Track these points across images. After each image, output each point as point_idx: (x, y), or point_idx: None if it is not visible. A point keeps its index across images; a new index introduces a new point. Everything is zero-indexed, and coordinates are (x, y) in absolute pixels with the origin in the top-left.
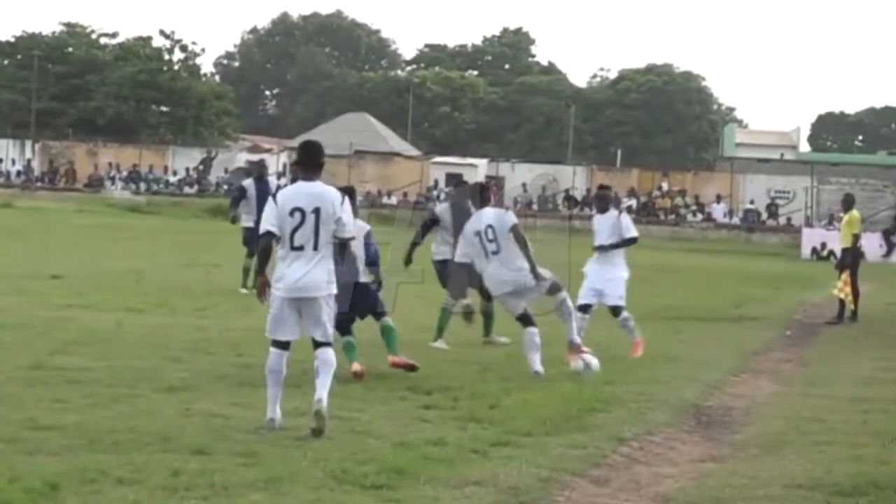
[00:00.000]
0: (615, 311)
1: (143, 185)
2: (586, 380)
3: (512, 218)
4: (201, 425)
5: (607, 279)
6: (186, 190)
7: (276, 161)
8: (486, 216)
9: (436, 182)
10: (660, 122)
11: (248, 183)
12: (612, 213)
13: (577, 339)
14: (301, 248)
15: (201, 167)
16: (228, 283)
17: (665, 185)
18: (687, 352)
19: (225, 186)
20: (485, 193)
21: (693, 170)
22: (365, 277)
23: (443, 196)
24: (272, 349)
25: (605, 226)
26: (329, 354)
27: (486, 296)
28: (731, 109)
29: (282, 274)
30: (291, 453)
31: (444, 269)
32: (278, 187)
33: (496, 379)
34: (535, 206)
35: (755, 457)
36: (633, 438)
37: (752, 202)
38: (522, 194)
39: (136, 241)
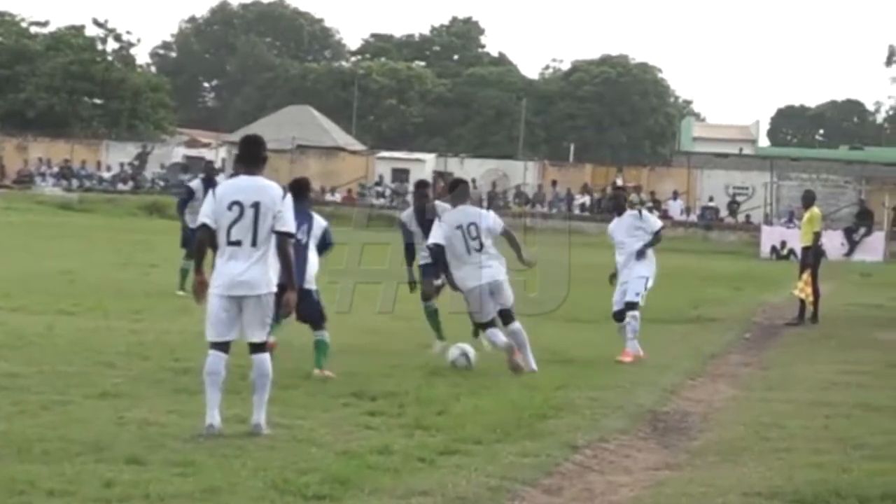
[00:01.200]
0: (627, 306)
1: (75, 182)
2: (530, 382)
3: (499, 220)
4: (136, 433)
5: (630, 278)
6: (121, 186)
7: (216, 156)
8: (469, 213)
9: (381, 178)
10: (614, 115)
11: (196, 184)
12: (629, 213)
13: (532, 367)
14: (238, 244)
15: (136, 162)
16: (165, 285)
17: (620, 181)
18: (643, 355)
19: (161, 183)
20: (463, 189)
21: (649, 165)
22: (314, 285)
23: (388, 192)
24: (211, 351)
25: (622, 228)
26: (265, 365)
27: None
28: (689, 102)
29: (219, 272)
30: (230, 463)
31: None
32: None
33: (444, 384)
34: (484, 203)
35: (713, 464)
36: (586, 446)
37: (711, 199)
38: (472, 190)
39: (68, 241)
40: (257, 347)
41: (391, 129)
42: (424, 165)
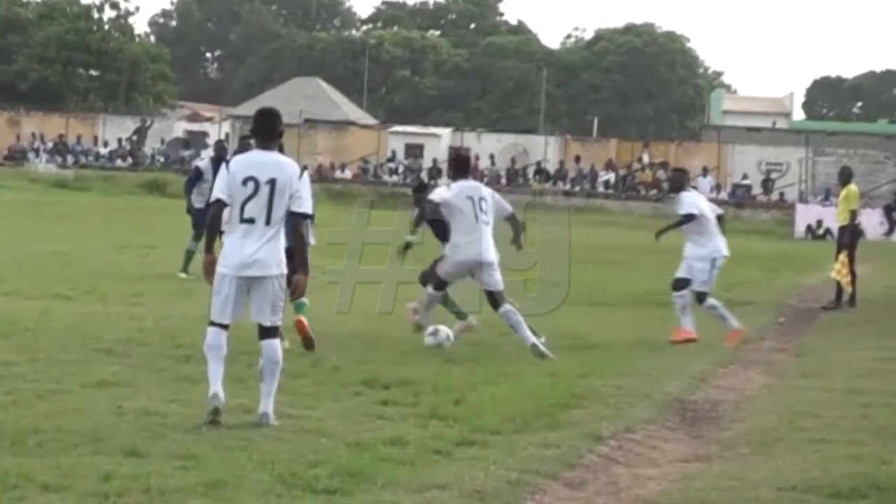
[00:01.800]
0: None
1: (70, 158)
2: (551, 370)
3: (507, 205)
4: (135, 424)
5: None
6: (119, 163)
7: (218, 130)
8: (478, 188)
9: (393, 153)
10: (640, 87)
11: (205, 165)
12: (681, 194)
13: (532, 340)
14: (251, 222)
15: (135, 137)
16: (165, 267)
17: (646, 157)
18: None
19: (161, 159)
20: (464, 162)
21: (677, 140)
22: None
23: (401, 169)
24: (211, 328)
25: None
26: (275, 350)
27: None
28: (719, 74)
29: (229, 250)
30: (235, 455)
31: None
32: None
33: (461, 372)
34: (503, 181)
35: (745, 456)
36: (611, 437)
37: (745, 177)
38: (490, 167)
39: (62, 221)
40: (267, 332)
41: (404, 102)
42: (440, 140)
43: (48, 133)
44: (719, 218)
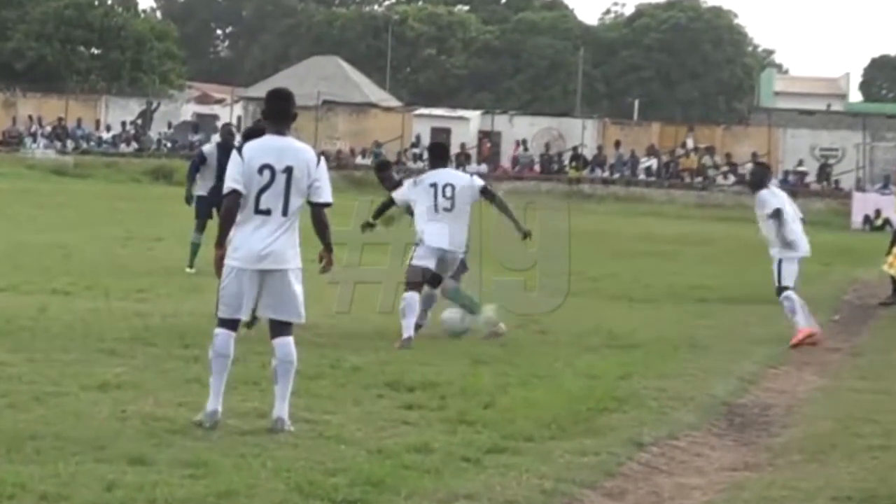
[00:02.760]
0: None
1: (70, 143)
2: (589, 371)
3: (479, 181)
4: (140, 430)
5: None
6: (122, 148)
7: (230, 113)
8: (448, 174)
9: (418, 138)
10: (684, 66)
11: (210, 149)
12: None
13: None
14: (267, 213)
15: (140, 121)
16: (173, 261)
17: (690, 142)
18: (716, 340)
19: (168, 144)
20: (440, 151)
21: (724, 123)
22: None
23: (426, 155)
24: (219, 329)
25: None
26: (290, 349)
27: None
28: (769, 52)
29: (242, 242)
30: (248, 463)
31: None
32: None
33: (491, 373)
34: (537, 168)
35: (797, 464)
36: (653, 443)
37: (800, 163)
38: (522, 153)
39: (62, 210)
40: (280, 329)
41: (430, 82)
42: (468, 124)
43: (46, 116)
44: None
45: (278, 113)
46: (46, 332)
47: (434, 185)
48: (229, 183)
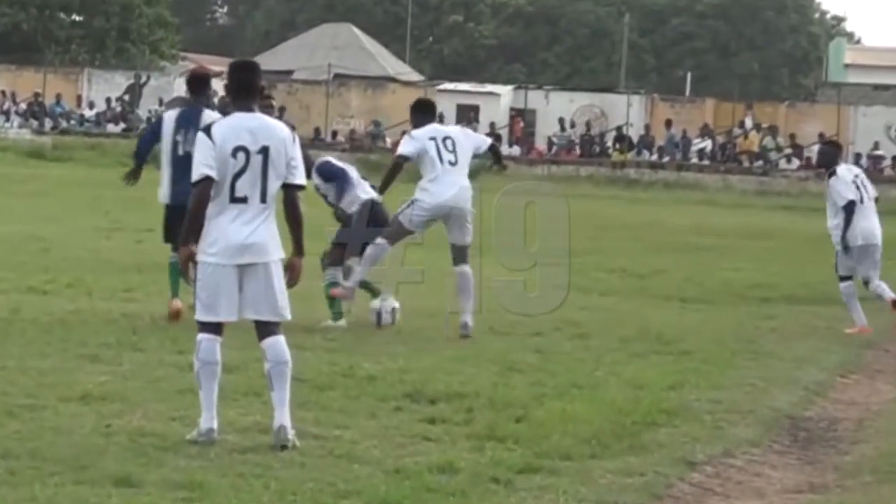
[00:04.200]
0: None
1: (48, 122)
2: (635, 381)
3: (484, 137)
4: (127, 447)
5: None
6: (108, 128)
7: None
8: (446, 128)
9: (442, 116)
10: (743, 36)
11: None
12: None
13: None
14: (244, 201)
15: (127, 97)
16: (163, 255)
17: (749, 121)
18: (779, 345)
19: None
20: (426, 107)
21: (787, 100)
22: None
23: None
24: (203, 335)
25: (826, 192)
26: (281, 348)
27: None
28: (839, 20)
29: (218, 235)
30: (249, 484)
31: None
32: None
33: (524, 382)
34: (577, 150)
35: (868, 485)
36: (706, 462)
37: (876, 146)
38: (559, 133)
39: (39, 198)
40: (268, 329)
41: (455, 53)
42: (498, 101)
43: (21, 91)
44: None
45: (245, 87)
46: (21, 336)
47: (433, 139)
48: (201, 169)
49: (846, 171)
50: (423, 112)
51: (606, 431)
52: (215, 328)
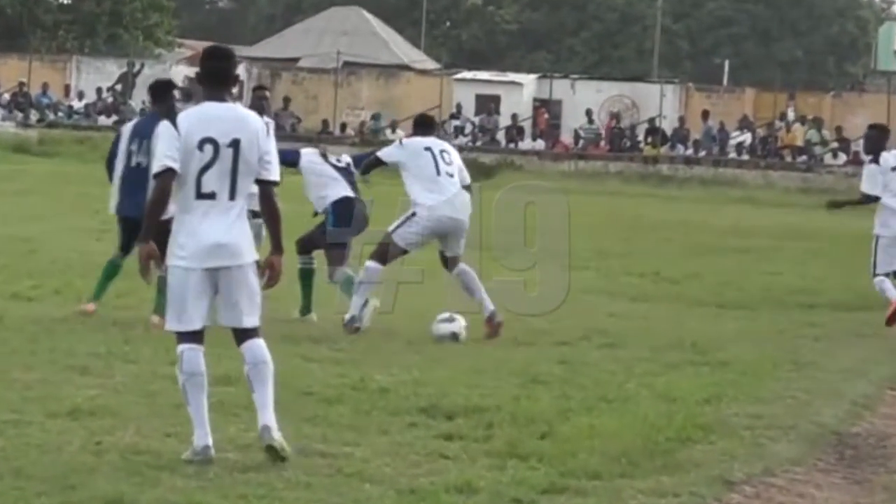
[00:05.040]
0: None
1: (33, 114)
2: (668, 394)
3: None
4: (119, 465)
5: None
6: (100, 120)
7: None
8: (439, 141)
9: (459, 107)
10: (785, 20)
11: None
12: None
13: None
14: (212, 197)
15: (119, 87)
16: None
17: (792, 113)
18: (824, 355)
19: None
20: (432, 123)
21: (833, 90)
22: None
23: (469, 128)
24: (183, 346)
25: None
26: (261, 350)
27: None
28: (890, 3)
29: (187, 236)
30: None
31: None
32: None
33: (549, 395)
34: (604, 144)
35: None
36: (745, 481)
37: None
38: (587, 126)
39: (24, 196)
40: (246, 333)
41: (475, 39)
42: (521, 91)
43: (4, 81)
44: None
45: (217, 75)
46: (4, 346)
47: (429, 149)
48: (163, 160)
49: (888, 159)
50: (424, 126)
51: (637, 448)
52: (195, 337)
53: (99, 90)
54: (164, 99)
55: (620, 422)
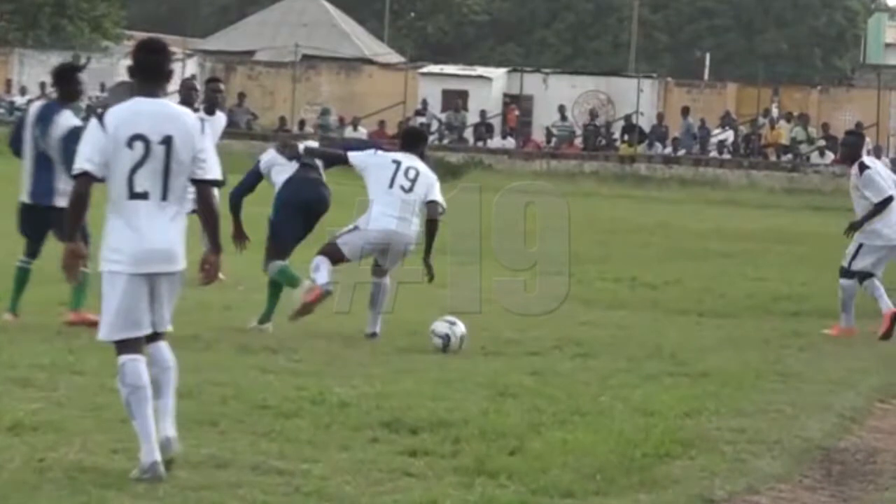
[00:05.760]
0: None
1: None
2: (646, 407)
3: (440, 197)
4: (64, 484)
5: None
6: None
7: (181, 70)
8: (417, 161)
9: (425, 103)
10: (769, 11)
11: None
12: (858, 167)
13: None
14: (144, 197)
15: None
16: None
17: (776, 109)
18: (810, 365)
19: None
20: (422, 139)
21: (820, 85)
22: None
23: (435, 125)
24: (124, 357)
25: (857, 186)
26: (169, 352)
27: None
28: None
29: (120, 238)
30: None
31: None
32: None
33: (519, 408)
34: (578, 143)
35: None
36: (727, 499)
37: None
38: (560, 123)
39: None
40: (158, 334)
41: (441, 32)
42: (490, 86)
43: None
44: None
45: (150, 69)
46: None
47: (397, 163)
48: (80, 163)
49: (880, 163)
50: (408, 140)
51: (613, 465)
52: (134, 346)
53: (42, 85)
54: (65, 84)
55: (595, 437)
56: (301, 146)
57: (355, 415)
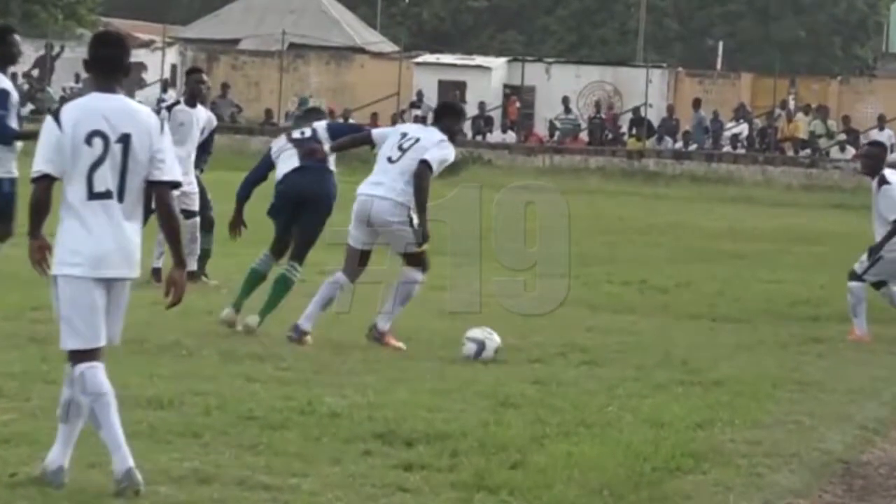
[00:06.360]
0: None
1: None
2: (656, 418)
3: (438, 155)
4: (37, 499)
5: None
6: None
7: (161, 60)
8: (426, 132)
9: (420, 95)
10: None
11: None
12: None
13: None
14: (107, 196)
15: (37, 72)
16: None
17: (794, 101)
18: (829, 373)
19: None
20: (446, 116)
21: (840, 75)
22: None
23: (431, 117)
24: (82, 366)
25: (876, 201)
26: (102, 378)
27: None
28: None
29: (77, 240)
30: None
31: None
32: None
33: (521, 420)
34: (584, 136)
35: None
36: None
37: None
38: (563, 116)
39: None
40: (92, 354)
41: (437, 19)
42: (489, 76)
43: None
44: None
45: (107, 63)
46: None
47: (404, 134)
48: (39, 165)
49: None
50: (437, 111)
51: (620, 479)
52: (93, 354)
53: (14, 76)
54: None
55: (601, 449)
56: (327, 147)
57: (347, 426)
